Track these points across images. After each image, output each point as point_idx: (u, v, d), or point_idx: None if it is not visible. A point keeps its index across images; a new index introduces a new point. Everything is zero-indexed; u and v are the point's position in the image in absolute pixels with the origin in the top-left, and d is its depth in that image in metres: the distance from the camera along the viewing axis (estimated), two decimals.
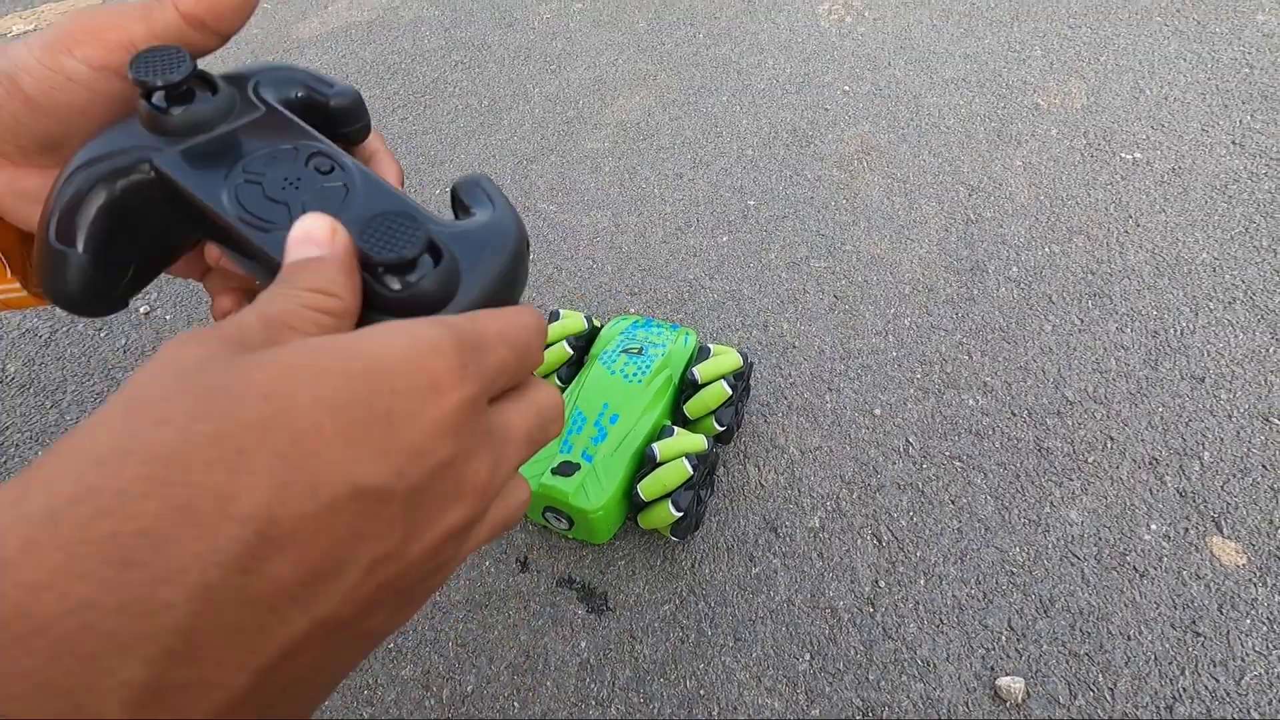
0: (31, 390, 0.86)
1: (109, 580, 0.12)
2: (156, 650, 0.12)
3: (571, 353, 0.71)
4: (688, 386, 0.67)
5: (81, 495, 0.13)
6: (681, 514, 0.58)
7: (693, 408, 0.66)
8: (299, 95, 0.27)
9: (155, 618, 0.12)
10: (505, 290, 0.23)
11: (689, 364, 0.69)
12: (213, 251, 0.27)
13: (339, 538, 0.14)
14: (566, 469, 0.60)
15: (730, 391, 0.65)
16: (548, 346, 0.71)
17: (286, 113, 0.25)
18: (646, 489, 0.59)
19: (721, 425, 0.65)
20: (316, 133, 0.25)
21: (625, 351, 0.68)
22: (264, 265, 0.22)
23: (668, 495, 0.59)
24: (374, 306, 0.20)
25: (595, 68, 1.38)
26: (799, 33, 1.43)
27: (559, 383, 0.71)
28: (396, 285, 0.20)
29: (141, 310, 0.95)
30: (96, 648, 0.12)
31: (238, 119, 0.24)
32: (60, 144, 0.24)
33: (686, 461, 0.59)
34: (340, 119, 0.28)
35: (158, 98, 0.23)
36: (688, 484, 0.58)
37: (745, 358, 0.69)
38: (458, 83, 1.39)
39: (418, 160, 1.17)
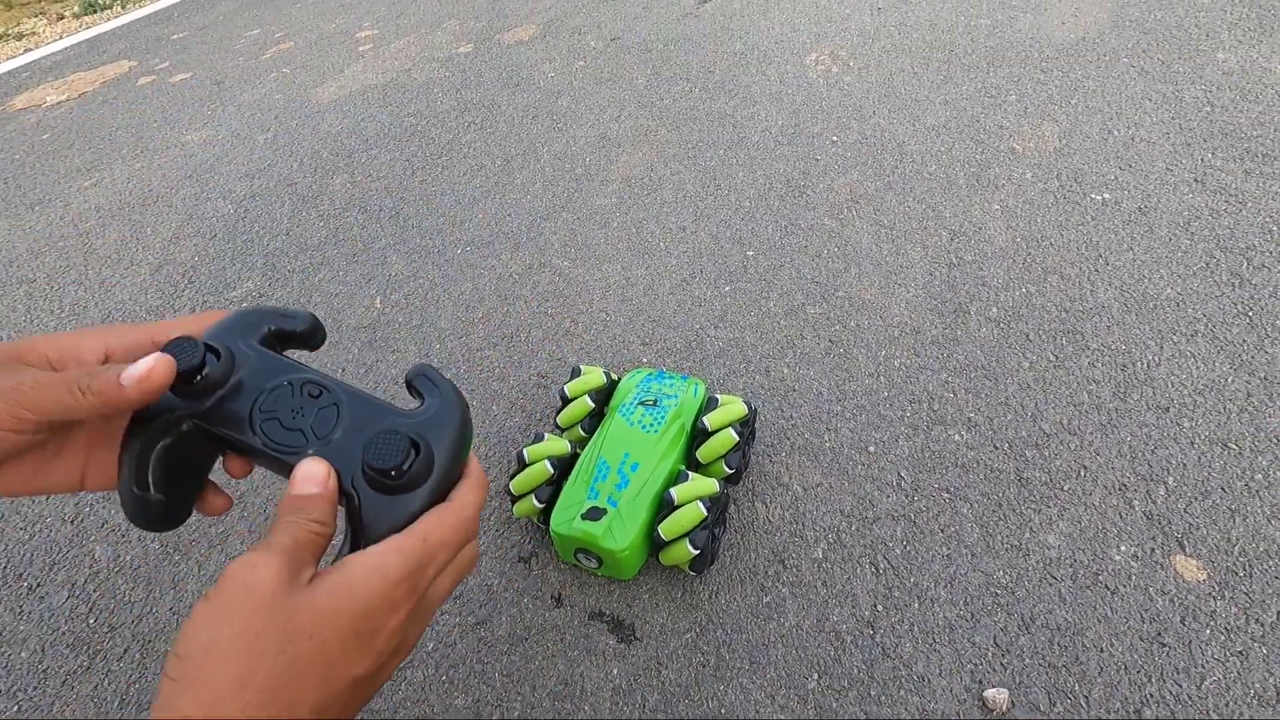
0: None
1: None
2: None
3: (593, 405, 0.78)
4: (699, 434, 0.74)
5: (228, 708, 0.24)
6: (699, 551, 0.65)
7: (704, 453, 0.73)
8: (273, 329, 0.37)
9: None
10: (462, 451, 0.34)
11: (699, 413, 0.77)
12: (235, 466, 0.36)
13: (350, 699, 0.28)
14: (595, 514, 0.67)
15: (737, 438, 0.73)
16: (572, 400, 0.79)
17: (270, 353, 0.35)
18: (667, 530, 0.66)
19: (731, 468, 0.73)
20: (297, 363, 0.35)
21: (642, 404, 0.76)
22: (284, 471, 0.32)
23: (685, 535, 0.66)
24: (381, 491, 0.31)
25: (599, 124, 1.48)
26: (789, 84, 1.53)
27: (583, 434, 0.79)
28: (395, 477, 0.31)
29: None
30: None
31: (239, 369, 0.34)
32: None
33: (701, 504, 0.66)
34: (305, 337, 0.38)
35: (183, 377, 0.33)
36: (703, 524, 0.66)
37: (750, 406, 0.77)
38: (471, 143, 1.49)
39: (439, 222, 1.26)
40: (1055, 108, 1.32)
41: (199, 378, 0.33)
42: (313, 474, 0.31)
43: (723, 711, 0.62)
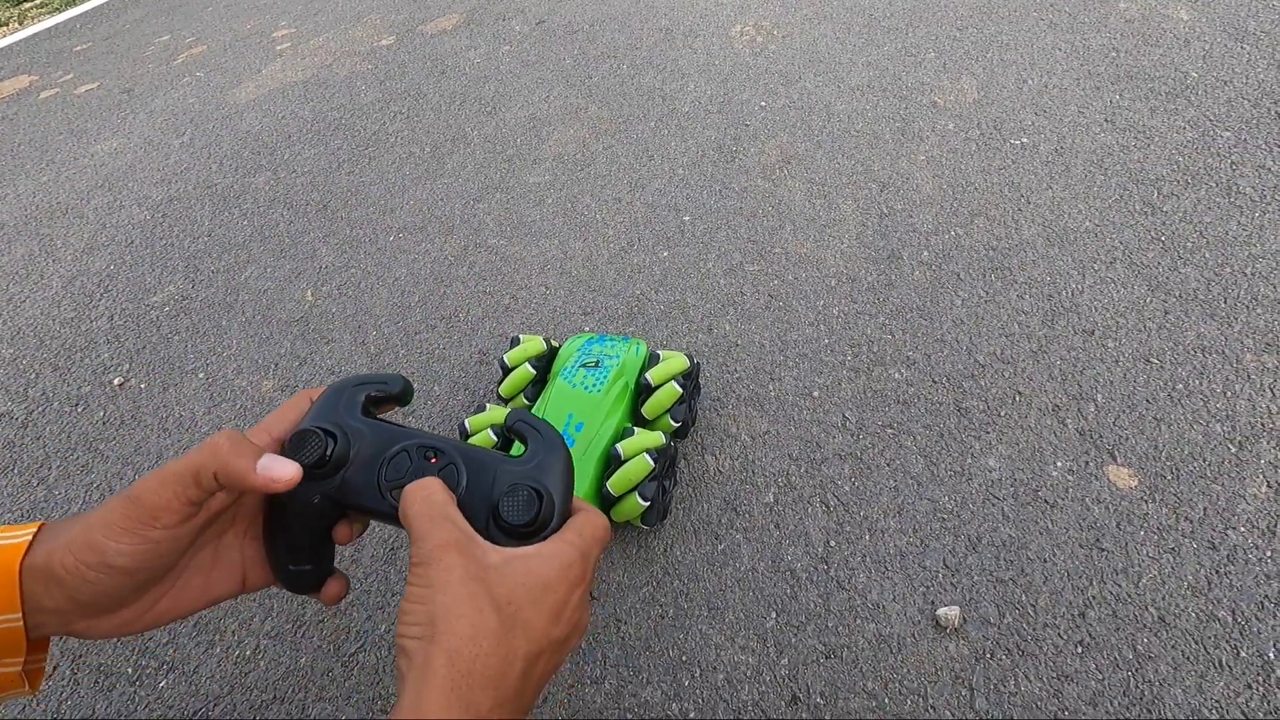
0: (15, 471, 0.89)
1: (491, 680, 0.31)
2: (507, 692, 0.31)
3: (534, 373, 0.77)
4: (643, 391, 0.74)
5: (466, 657, 0.30)
6: (649, 503, 0.65)
7: (649, 409, 0.73)
8: (373, 395, 0.41)
9: (507, 684, 0.31)
10: (572, 488, 0.38)
11: (642, 370, 0.76)
12: (341, 533, 0.41)
13: (551, 656, 0.34)
14: None
15: (681, 391, 0.72)
16: (512, 370, 0.78)
17: (379, 423, 0.39)
18: (615, 484, 0.65)
19: (677, 422, 0.73)
20: (405, 428, 0.39)
21: (583, 366, 0.75)
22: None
23: (634, 488, 0.65)
24: (514, 538, 0.35)
25: (529, 106, 1.46)
26: (715, 56, 1.53)
27: (525, 401, 0.78)
28: (529, 526, 0.35)
29: (115, 383, 0.98)
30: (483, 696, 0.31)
31: (356, 444, 0.38)
32: (155, 579, 0.37)
33: (648, 456, 0.65)
34: (398, 398, 0.42)
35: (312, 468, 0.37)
36: (651, 476, 0.65)
37: (692, 359, 0.76)
38: (399, 133, 1.45)
39: (369, 212, 1.23)
40: (972, 62, 1.35)
41: (325, 463, 0.36)
42: (427, 485, 0.36)
43: (683, 658, 0.62)
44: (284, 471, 0.35)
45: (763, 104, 1.34)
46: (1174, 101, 1.17)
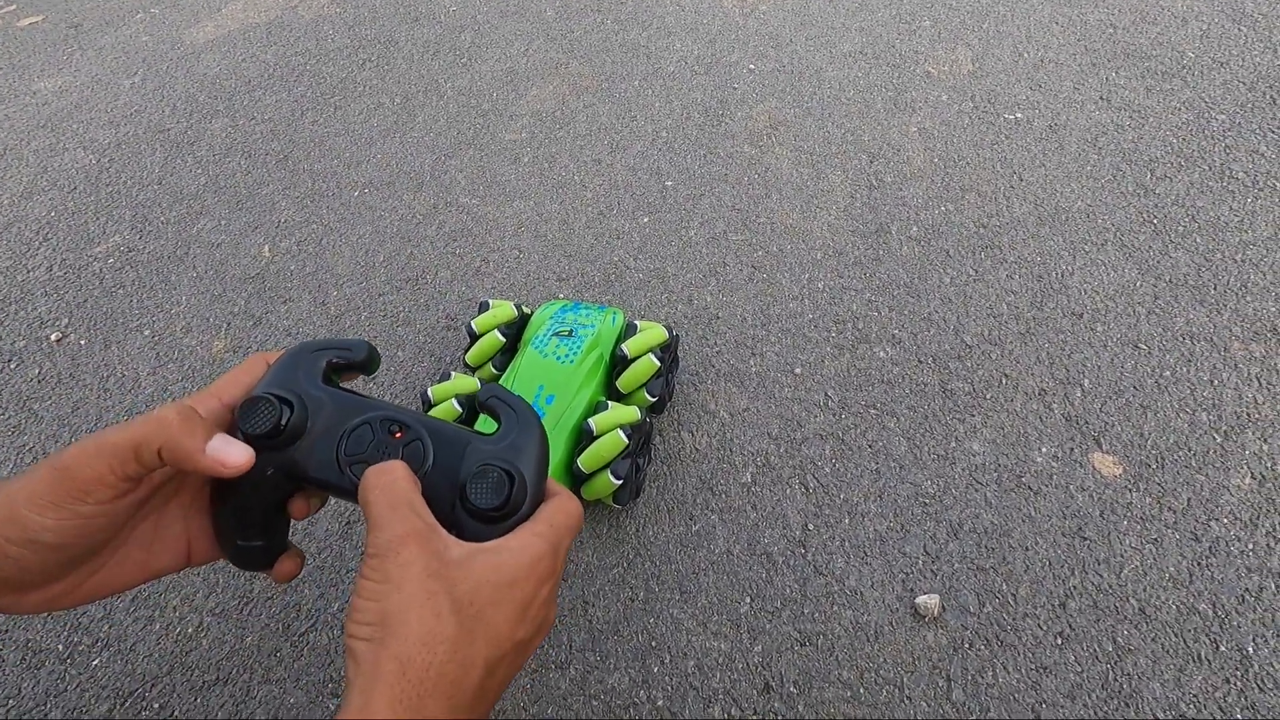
0: None
1: (445, 688, 0.28)
2: (462, 701, 0.29)
3: (504, 340, 0.73)
4: (618, 362, 0.70)
5: (418, 665, 0.28)
6: (621, 481, 0.61)
7: (624, 382, 0.69)
8: (335, 361, 0.37)
9: (464, 692, 0.29)
10: (546, 470, 0.35)
11: (618, 341, 0.72)
12: (298, 508, 0.38)
13: (513, 659, 0.31)
14: None
15: (658, 364, 0.69)
16: (480, 337, 0.73)
17: (340, 392, 0.36)
18: (586, 461, 0.62)
19: (653, 396, 0.69)
20: (368, 399, 0.36)
21: (556, 335, 0.71)
22: None
23: (606, 466, 0.62)
24: (483, 521, 0.33)
25: (506, 59, 1.39)
26: (704, 14, 1.47)
27: (494, 370, 0.73)
28: (499, 509, 0.32)
29: (53, 338, 0.92)
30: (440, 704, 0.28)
31: (315, 415, 0.35)
32: (88, 554, 0.33)
33: (621, 432, 0.62)
34: (363, 365, 0.39)
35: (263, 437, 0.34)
36: (624, 453, 0.62)
37: (671, 331, 0.73)
38: (367, 81, 1.37)
39: (333, 164, 1.16)
40: (968, 32, 1.31)
41: (279, 434, 0.34)
42: (390, 468, 0.33)
43: (653, 644, 0.59)
44: (235, 457, 0.32)
45: (751, 67, 1.28)
46: (1170, 81, 1.14)
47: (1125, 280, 0.85)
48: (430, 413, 0.66)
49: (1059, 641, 0.57)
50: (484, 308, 0.76)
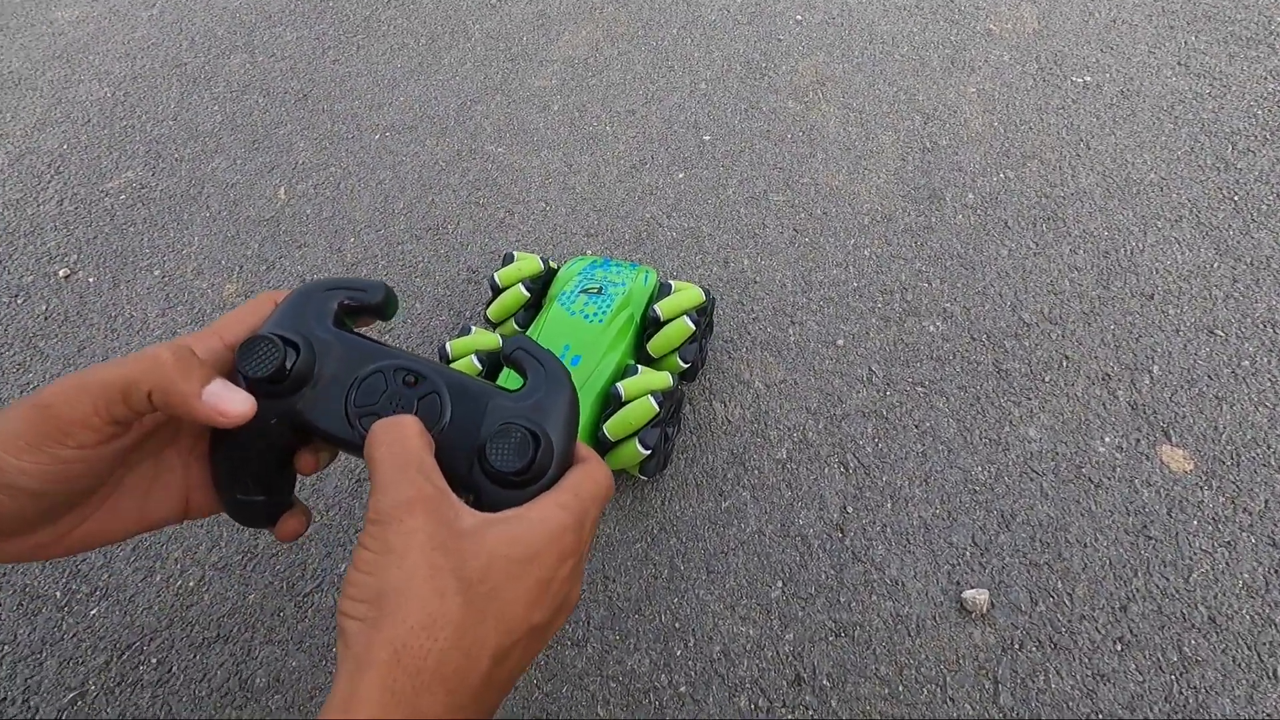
0: None
1: (446, 679, 0.24)
2: (466, 695, 0.25)
3: (528, 295, 0.68)
4: (650, 324, 0.65)
5: (415, 652, 0.24)
6: (649, 452, 0.57)
7: (656, 345, 0.64)
8: (343, 303, 0.33)
9: (468, 685, 0.25)
10: (575, 433, 0.32)
11: (650, 301, 0.67)
12: (305, 462, 0.35)
13: (527, 646, 0.28)
14: None
15: (693, 327, 0.64)
16: (503, 290, 0.69)
17: (352, 336, 0.33)
18: (612, 428, 0.57)
19: (686, 362, 0.64)
20: (383, 346, 0.33)
21: (584, 292, 0.66)
22: None
23: (634, 434, 0.58)
24: (504, 485, 0.29)
25: (537, 1, 1.32)
26: None
27: (517, 327, 0.69)
28: (521, 472, 0.29)
29: (61, 274, 0.88)
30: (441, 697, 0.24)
31: (323, 359, 0.32)
32: (70, 502, 0.30)
33: (652, 399, 0.57)
34: (378, 309, 0.35)
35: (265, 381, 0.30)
36: (654, 421, 0.57)
37: (707, 293, 0.67)
38: (392, 20, 1.30)
39: (354, 105, 1.10)
40: None
41: (283, 378, 0.30)
42: (400, 423, 0.29)
43: (676, 625, 0.55)
44: (235, 405, 0.29)
45: (798, 18, 1.20)
46: (1255, 48, 1.05)
47: (1201, 260, 0.78)
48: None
49: (1118, 648, 0.53)
50: (508, 260, 0.71)
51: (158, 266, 0.88)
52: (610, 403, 0.59)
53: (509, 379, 0.57)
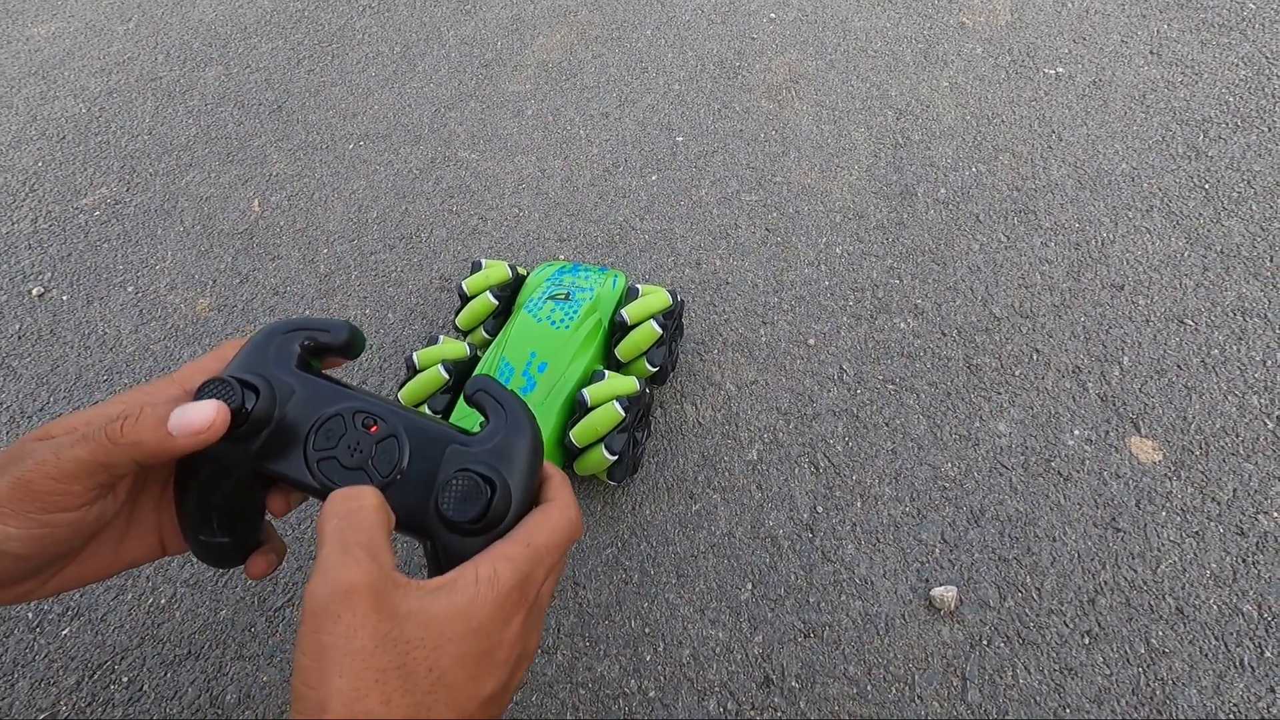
0: None
1: None
2: None
3: (496, 303, 0.68)
4: (617, 329, 0.65)
5: None
6: (616, 457, 0.57)
7: (624, 350, 0.64)
8: (306, 344, 0.34)
9: None
10: (536, 476, 0.32)
11: (618, 306, 0.67)
12: (276, 504, 0.36)
13: (486, 712, 0.27)
14: None
15: (660, 331, 0.64)
16: (472, 299, 0.69)
17: (312, 378, 0.33)
18: (578, 435, 0.57)
19: (654, 366, 0.64)
20: (346, 387, 0.33)
21: (552, 298, 0.66)
22: None
23: (600, 440, 0.58)
24: (459, 533, 0.29)
25: (512, 6, 1.31)
26: None
27: (485, 335, 0.69)
28: (474, 520, 0.29)
29: (35, 293, 0.88)
30: None
31: (283, 403, 0.32)
32: (56, 560, 0.30)
33: (617, 404, 0.57)
34: (343, 349, 0.35)
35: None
36: (620, 426, 0.57)
37: (675, 296, 0.67)
38: (366, 29, 1.30)
39: (328, 115, 1.10)
40: None
41: (242, 422, 0.30)
42: (357, 495, 0.28)
43: (646, 630, 0.55)
44: (200, 415, 0.29)
45: (772, 15, 1.20)
46: (1227, 34, 1.05)
47: (1172, 250, 0.78)
48: (414, 380, 0.62)
49: (1086, 641, 0.53)
50: (476, 268, 0.71)
51: (131, 283, 0.88)
52: (577, 409, 0.59)
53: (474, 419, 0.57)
